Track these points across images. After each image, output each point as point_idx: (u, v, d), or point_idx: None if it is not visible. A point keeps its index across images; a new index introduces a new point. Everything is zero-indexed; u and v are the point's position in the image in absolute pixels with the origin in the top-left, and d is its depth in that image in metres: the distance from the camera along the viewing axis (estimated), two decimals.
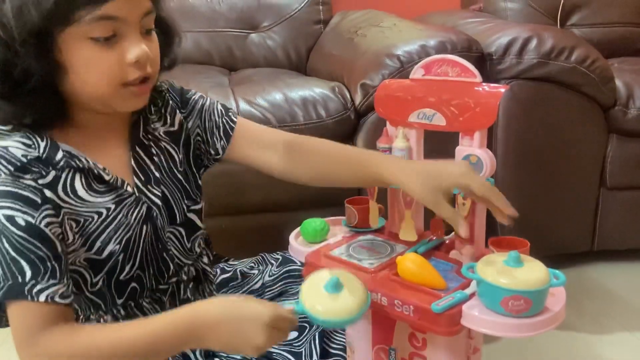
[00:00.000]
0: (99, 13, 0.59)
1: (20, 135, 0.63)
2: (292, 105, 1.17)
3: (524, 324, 0.60)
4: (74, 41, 0.60)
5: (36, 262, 0.60)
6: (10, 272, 0.60)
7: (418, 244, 0.77)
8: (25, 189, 0.61)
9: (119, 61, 0.62)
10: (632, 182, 1.30)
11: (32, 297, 0.60)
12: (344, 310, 0.61)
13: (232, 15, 1.70)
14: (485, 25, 1.38)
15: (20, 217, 0.60)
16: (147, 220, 0.71)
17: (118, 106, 0.66)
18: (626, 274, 1.39)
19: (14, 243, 0.60)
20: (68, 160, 0.64)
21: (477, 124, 0.70)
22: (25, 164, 0.62)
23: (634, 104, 1.25)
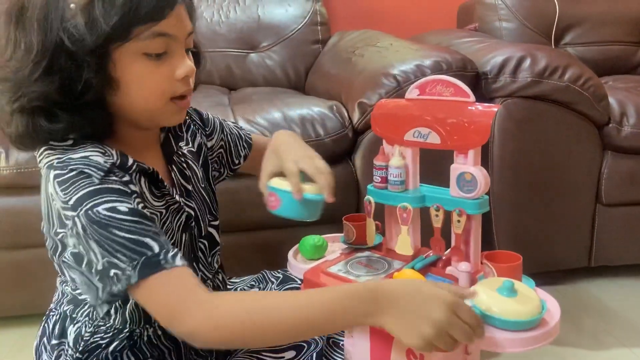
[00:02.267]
0: (156, 29, 0.62)
1: (91, 146, 0.65)
2: (290, 123, 1.18)
3: (520, 339, 0.61)
4: (128, 57, 0.63)
5: (155, 236, 0.61)
6: (137, 252, 0.60)
7: (415, 260, 0.78)
8: (112, 183, 0.63)
9: (169, 77, 0.66)
10: (628, 198, 1.31)
11: (170, 263, 0.60)
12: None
13: (231, 36, 1.73)
14: (480, 44, 1.41)
15: (120, 205, 0.61)
16: (186, 229, 0.75)
17: (163, 120, 0.70)
18: (623, 289, 1.39)
19: (126, 228, 0.60)
20: (139, 164, 0.68)
21: (470, 142, 0.71)
22: (109, 168, 0.64)
23: (628, 121, 1.27)
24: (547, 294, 0.69)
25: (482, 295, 0.63)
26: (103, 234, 0.60)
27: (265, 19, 1.76)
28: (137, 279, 0.59)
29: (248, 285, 0.97)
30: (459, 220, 0.72)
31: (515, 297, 0.62)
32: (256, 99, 1.44)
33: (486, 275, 0.71)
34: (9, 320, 1.27)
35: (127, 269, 0.60)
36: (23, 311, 1.24)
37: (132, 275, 0.59)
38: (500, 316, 0.61)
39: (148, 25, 0.62)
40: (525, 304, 0.62)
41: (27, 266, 1.16)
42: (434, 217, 0.75)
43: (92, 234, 0.60)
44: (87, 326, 0.73)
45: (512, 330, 0.61)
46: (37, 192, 1.08)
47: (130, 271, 0.60)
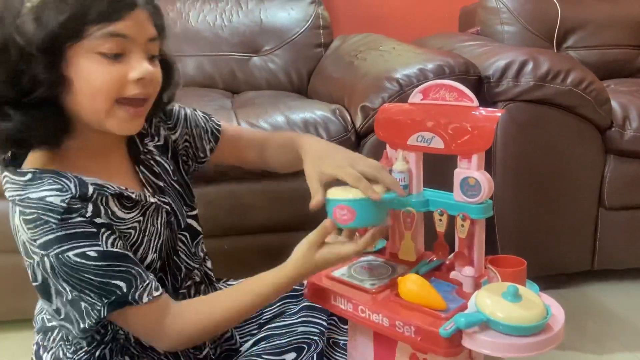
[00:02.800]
0: (110, 30, 0.63)
1: (47, 183, 0.65)
2: (293, 127, 1.18)
3: (525, 344, 0.61)
4: (82, 55, 0.63)
5: (124, 276, 0.66)
6: (107, 291, 0.65)
7: (419, 265, 0.78)
8: (78, 226, 0.64)
9: (121, 77, 0.65)
10: (630, 202, 1.31)
11: (136, 302, 0.66)
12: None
13: (234, 40, 1.73)
14: (482, 48, 1.41)
15: (90, 250, 0.64)
16: (168, 225, 0.77)
17: (113, 126, 0.67)
18: (627, 293, 1.39)
19: (96, 272, 0.64)
20: (99, 191, 0.67)
21: (474, 147, 0.71)
22: (68, 207, 0.64)
23: (631, 125, 1.26)
24: (552, 299, 0.69)
25: (487, 300, 0.63)
26: (73, 276, 0.64)
27: (267, 23, 1.76)
28: (106, 313, 0.66)
29: None
30: (462, 225, 0.72)
31: (520, 302, 0.62)
32: (259, 103, 1.44)
33: (490, 280, 0.71)
34: (11, 325, 1.27)
35: (97, 304, 0.65)
36: (25, 315, 1.23)
37: (102, 310, 0.65)
38: (505, 321, 0.61)
39: (101, 25, 0.62)
40: (530, 309, 0.62)
41: None
42: (438, 221, 0.75)
43: (61, 274, 0.64)
44: (67, 349, 0.74)
45: (516, 335, 0.61)
46: None
47: (100, 307, 0.65)
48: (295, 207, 1.21)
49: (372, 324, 0.70)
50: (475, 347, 0.63)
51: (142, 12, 0.66)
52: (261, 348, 0.86)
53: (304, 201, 1.24)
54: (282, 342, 0.84)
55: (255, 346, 0.87)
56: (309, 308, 0.86)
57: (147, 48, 0.67)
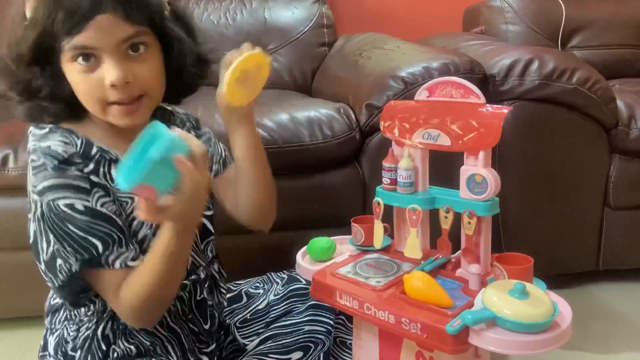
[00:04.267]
0: (73, 43, 0.66)
1: (59, 135, 0.71)
2: (298, 125, 1.18)
3: (532, 341, 0.61)
4: (66, 64, 0.69)
5: (104, 237, 0.69)
6: (83, 248, 0.68)
7: (424, 263, 0.78)
8: (74, 179, 0.69)
9: (98, 84, 0.68)
10: (636, 202, 1.30)
11: (109, 265, 0.69)
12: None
13: (239, 38, 1.73)
14: (487, 47, 1.41)
15: (78, 203, 0.68)
16: None
17: (114, 122, 0.72)
18: (631, 293, 1.38)
19: (79, 225, 0.68)
20: (102, 154, 0.73)
21: (481, 144, 0.71)
22: (67, 158, 0.69)
23: (636, 124, 1.26)
24: (559, 296, 0.69)
25: (494, 297, 0.63)
26: (58, 224, 0.68)
27: (271, 22, 1.76)
28: (78, 269, 0.68)
29: (253, 287, 0.97)
30: (469, 222, 0.72)
31: (527, 300, 0.62)
32: (263, 101, 1.43)
33: (496, 278, 0.71)
34: (16, 322, 1.27)
35: (71, 259, 0.68)
36: (29, 312, 1.24)
37: (73, 265, 0.68)
38: (512, 318, 0.61)
39: (68, 39, 0.66)
40: (537, 306, 0.61)
41: (34, 267, 1.16)
42: (443, 218, 0.75)
43: (50, 222, 0.68)
44: (70, 328, 0.76)
45: (523, 332, 0.61)
46: None
47: (73, 262, 0.68)
48: (299, 207, 1.21)
49: (378, 321, 0.69)
50: (482, 345, 0.62)
51: (107, 17, 0.65)
52: (267, 347, 0.86)
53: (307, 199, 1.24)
54: (289, 341, 0.84)
55: (262, 345, 0.87)
56: (315, 307, 0.86)
57: (121, 48, 0.67)
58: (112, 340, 0.75)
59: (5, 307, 1.25)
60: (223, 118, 0.83)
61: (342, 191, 1.21)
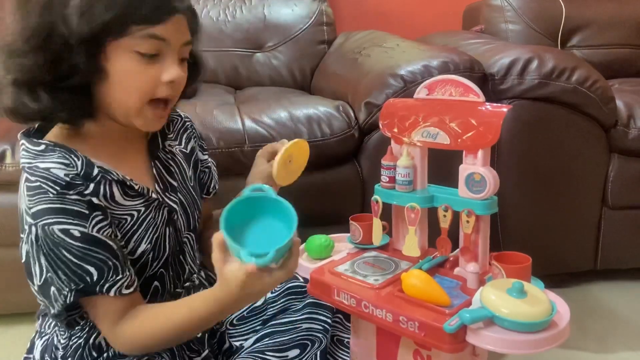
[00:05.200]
0: (151, 31, 0.66)
1: (57, 156, 0.68)
2: (297, 123, 1.18)
3: (529, 340, 0.61)
4: (121, 51, 0.66)
5: (98, 264, 0.67)
6: (78, 276, 0.66)
7: (422, 261, 0.78)
8: (72, 204, 0.66)
9: (154, 78, 0.68)
10: (634, 202, 1.30)
11: (103, 293, 0.67)
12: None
13: (238, 36, 1.73)
14: (486, 46, 1.40)
15: (74, 229, 0.66)
16: (169, 223, 0.78)
17: (137, 122, 0.71)
18: (629, 293, 1.38)
19: (74, 252, 0.66)
20: (103, 174, 0.70)
21: (480, 142, 0.71)
22: (69, 182, 0.66)
23: (635, 123, 1.26)
24: (557, 296, 0.69)
25: (492, 296, 0.63)
26: (52, 250, 0.65)
27: (271, 19, 1.76)
28: (72, 299, 0.67)
29: None
30: (468, 221, 0.72)
31: (525, 299, 0.62)
32: (262, 99, 1.43)
33: (494, 276, 0.70)
34: (13, 318, 1.27)
35: (65, 289, 0.66)
36: (26, 309, 1.23)
37: (69, 296, 0.66)
38: (510, 317, 0.60)
39: (144, 26, 0.65)
40: (535, 305, 0.61)
41: None
42: (442, 217, 0.75)
43: (44, 247, 0.66)
44: (61, 335, 0.75)
45: (521, 331, 0.61)
46: None
47: (67, 292, 0.66)
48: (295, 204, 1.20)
49: (376, 319, 0.69)
50: (479, 343, 0.62)
51: (181, 18, 0.69)
52: (264, 344, 0.86)
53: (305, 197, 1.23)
54: (286, 339, 0.84)
55: (259, 342, 0.86)
56: (313, 305, 0.86)
57: (181, 51, 0.70)
58: (105, 349, 0.74)
59: (2, 303, 1.25)
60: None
61: (341, 189, 1.21)
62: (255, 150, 1.14)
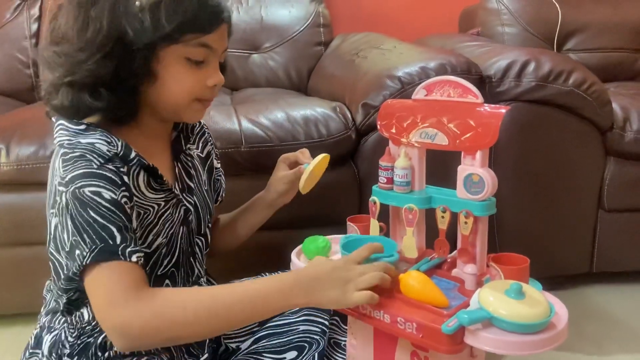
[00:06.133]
0: (202, 40, 0.71)
1: (99, 134, 0.71)
2: (294, 124, 1.18)
3: (528, 341, 0.61)
4: (172, 57, 0.71)
5: (123, 229, 0.67)
6: (100, 236, 0.65)
7: (420, 262, 0.77)
8: (108, 171, 0.68)
9: (200, 82, 0.74)
10: (630, 205, 1.31)
11: (125, 257, 0.65)
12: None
13: (234, 36, 1.70)
14: (483, 48, 1.41)
15: (105, 192, 0.67)
16: (184, 222, 0.80)
17: (184, 116, 0.78)
18: (625, 295, 1.39)
19: (101, 212, 0.66)
20: (140, 159, 0.73)
21: (478, 143, 0.71)
22: (111, 157, 0.70)
23: (631, 127, 1.26)
24: (555, 297, 0.68)
25: (490, 297, 0.63)
26: (79, 211, 0.66)
27: (268, 20, 1.76)
28: (90, 260, 0.64)
29: None
30: (466, 222, 0.72)
31: (523, 300, 0.62)
32: (259, 99, 1.43)
33: (492, 278, 0.70)
34: (9, 318, 1.27)
35: (85, 250, 0.64)
36: (22, 309, 1.23)
37: (87, 257, 0.64)
38: (508, 318, 0.60)
39: (197, 35, 0.70)
40: (534, 306, 0.61)
41: (27, 263, 1.15)
42: (440, 218, 0.74)
43: (71, 209, 0.66)
44: (69, 331, 0.75)
45: (519, 333, 0.61)
46: (38, 188, 1.09)
47: (87, 252, 0.64)
48: (292, 205, 1.20)
49: (373, 321, 0.69)
50: (477, 345, 0.62)
51: (225, 27, 0.75)
52: (262, 346, 0.86)
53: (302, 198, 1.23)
54: (283, 341, 0.84)
55: (256, 344, 0.87)
56: (311, 307, 0.85)
57: (221, 57, 0.76)
58: (109, 347, 0.73)
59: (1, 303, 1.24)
60: (268, 198, 0.97)
61: (338, 190, 1.21)
62: (252, 151, 1.15)
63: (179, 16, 0.68)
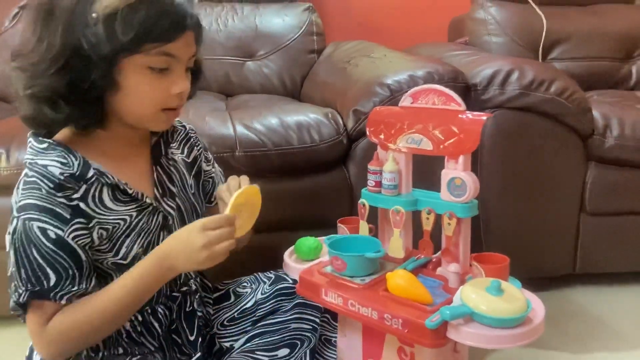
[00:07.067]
0: (163, 49, 0.70)
1: (56, 154, 0.72)
2: (287, 129, 1.21)
3: (506, 335, 0.64)
4: (133, 67, 0.70)
5: (60, 270, 0.69)
6: (36, 277, 0.69)
7: (407, 262, 0.81)
8: (57, 205, 0.69)
9: (165, 91, 0.73)
10: (611, 208, 1.34)
11: (55, 300, 0.70)
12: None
13: (230, 44, 1.76)
14: (470, 57, 1.45)
15: (52, 230, 0.68)
16: (164, 228, 0.80)
17: (151, 126, 0.77)
18: (607, 296, 1.42)
19: (42, 253, 0.69)
20: (98, 177, 0.73)
21: (461, 149, 0.75)
22: (62, 182, 0.70)
23: (611, 133, 1.30)
24: (532, 294, 0.72)
25: (471, 295, 0.67)
26: (24, 246, 0.69)
27: (262, 28, 1.79)
28: (26, 299, 0.70)
29: (240, 286, 0.99)
30: (449, 223, 0.76)
31: (502, 296, 0.66)
32: (253, 105, 1.46)
33: (474, 276, 0.74)
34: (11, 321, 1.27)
35: (21, 288, 0.70)
36: None
37: (23, 295, 0.69)
38: (488, 314, 0.64)
39: (157, 44, 0.69)
40: (512, 302, 0.65)
41: None
42: (425, 220, 0.78)
43: (16, 240, 0.69)
44: None
45: (499, 327, 0.64)
46: None
47: (23, 291, 0.69)
48: (286, 207, 1.23)
49: (361, 317, 0.72)
50: (459, 339, 0.66)
51: (190, 34, 0.73)
52: (255, 344, 0.88)
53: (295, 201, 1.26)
54: (276, 339, 0.87)
55: (249, 342, 0.89)
56: (302, 305, 0.88)
57: (187, 63, 0.75)
58: (101, 348, 0.77)
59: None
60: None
61: (330, 194, 1.24)
62: (247, 156, 1.18)
63: (134, 27, 0.67)
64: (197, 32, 0.74)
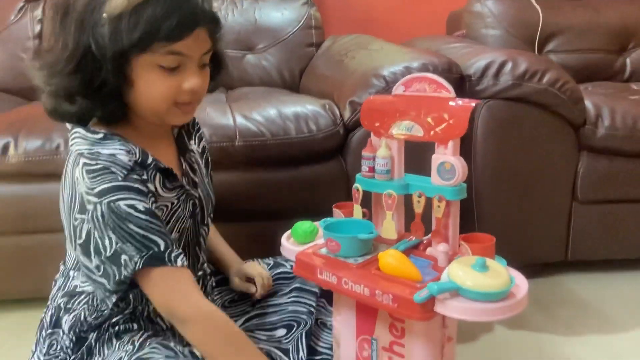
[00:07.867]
0: (171, 48, 0.70)
1: (118, 144, 0.74)
2: (285, 120, 1.24)
3: (490, 308, 0.67)
4: (144, 65, 0.72)
5: (163, 235, 0.72)
6: (146, 246, 0.71)
7: (399, 243, 0.84)
8: (135, 182, 0.73)
9: (176, 87, 0.74)
10: (602, 197, 1.38)
11: (172, 262, 0.71)
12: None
13: (229, 37, 1.79)
14: (466, 49, 1.48)
15: (139, 203, 0.71)
16: (192, 216, 0.84)
17: (167, 120, 0.78)
18: (597, 283, 1.45)
19: (141, 224, 0.71)
20: (156, 163, 0.77)
21: (450, 134, 0.78)
22: (132, 167, 0.73)
23: (603, 123, 1.33)
24: (517, 271, 0.75)
25: (458, 272, 0.70)
26: (120, 224, 0.70)
27: (262, 22, 1.82)
28: (142, 266, 0.70)
29: None
30: (439, 206, 0.79)
31: (487, 272, 0.69)
32: (253, 97, 1.50)
33: (462, 255, 0.77)
34: (14, 304, 1.31)
35: (135, 257, 0.70)
36: (28, 294, 1.28)
37: (138, 262, 0.70)
38: (473, 288, 0.67)
39: (165, 44, 0.70)
40: (496, 278, 0.68)
41: (33, 251, 1.21)
42: (416, 203, 0.81)
43: (110, 222, 0.70)
44: (89, 311, 0.79)
45: (483, 301, 0.68)
46: (43, 180, 1.15)
47: (137, 259, 0.70)
48: (285, 195, 1.27)
49: (354, 294, 0.76)
50: (446, 312, 0.69)
51: (202, 31, 0.72)
52: (253, 324, 0.92)
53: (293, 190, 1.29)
54: (274, 320, 0.91)
55: (248, 322, 0.93)
56: (299, 290, 0.92)
57: (201, 60, 0.75)
58: (120, 322, 0.80)
59: (4, 289, 1.29)
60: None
61: (327, 183, 1.27)
62: (246, 145, 1.21)
63: (140, 27, 0.67)
64: (211, 28, 0.74)
